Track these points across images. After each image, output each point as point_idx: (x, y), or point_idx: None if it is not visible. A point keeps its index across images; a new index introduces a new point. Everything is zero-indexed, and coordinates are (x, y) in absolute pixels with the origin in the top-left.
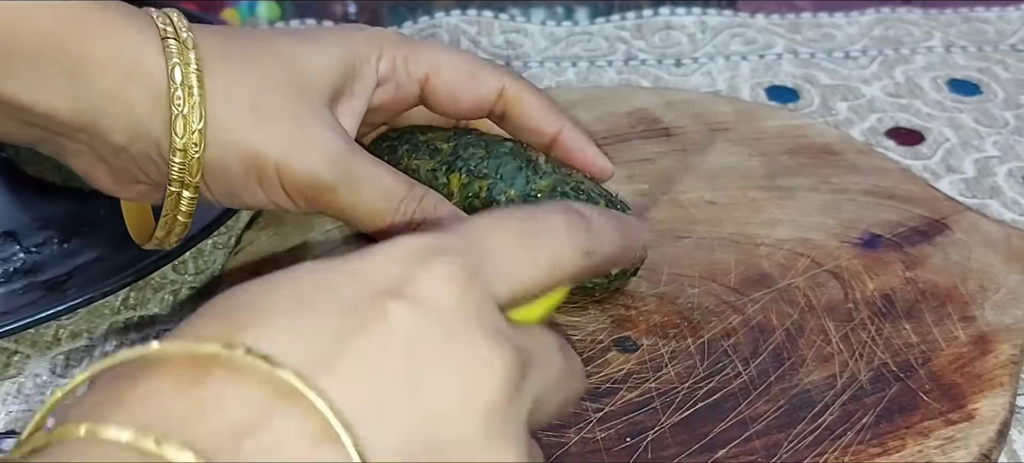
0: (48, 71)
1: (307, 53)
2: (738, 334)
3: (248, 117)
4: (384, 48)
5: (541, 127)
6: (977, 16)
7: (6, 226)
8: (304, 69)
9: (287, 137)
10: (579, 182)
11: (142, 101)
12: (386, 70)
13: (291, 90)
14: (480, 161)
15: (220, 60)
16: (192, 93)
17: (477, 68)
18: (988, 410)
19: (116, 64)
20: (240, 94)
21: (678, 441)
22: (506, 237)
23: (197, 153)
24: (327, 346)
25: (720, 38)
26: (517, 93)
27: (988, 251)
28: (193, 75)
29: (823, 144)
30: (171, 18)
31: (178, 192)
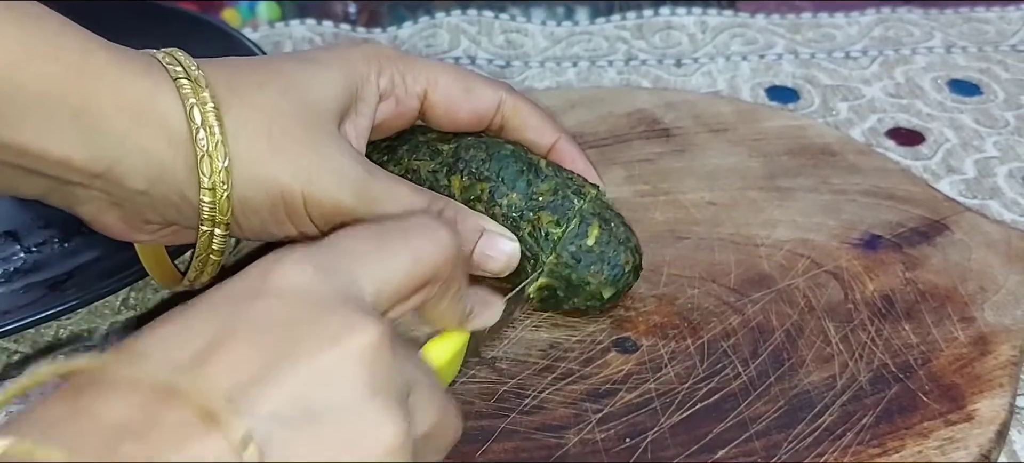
0: (56, 117)
1: (311, 79)
2: (738, 335)
3: (266, 150)
4: (382, 65)
5: (538, 139)
6: (977, 16)
7: (7, 225)
8: (311, 96)
9: (308, 167)
10: (580, 185)
11: (157, 145)
12: (386, 86)
13: (303, 118)
14: (482, 164)
15: (232, 94)
16: (213, 132)
17: (474, 82)
18: (988, 411)
19: (126, 109)
20: (256, 128)
21: (678, 442)
22: (363, 239)
23: (226, 191)
24: (201, 345)
25: (720, 38)
26: (515, 106)
27: (988, 252)
28: (211, 114)
29: (823, 145)
30: (177, 58)
31: (210, 231)
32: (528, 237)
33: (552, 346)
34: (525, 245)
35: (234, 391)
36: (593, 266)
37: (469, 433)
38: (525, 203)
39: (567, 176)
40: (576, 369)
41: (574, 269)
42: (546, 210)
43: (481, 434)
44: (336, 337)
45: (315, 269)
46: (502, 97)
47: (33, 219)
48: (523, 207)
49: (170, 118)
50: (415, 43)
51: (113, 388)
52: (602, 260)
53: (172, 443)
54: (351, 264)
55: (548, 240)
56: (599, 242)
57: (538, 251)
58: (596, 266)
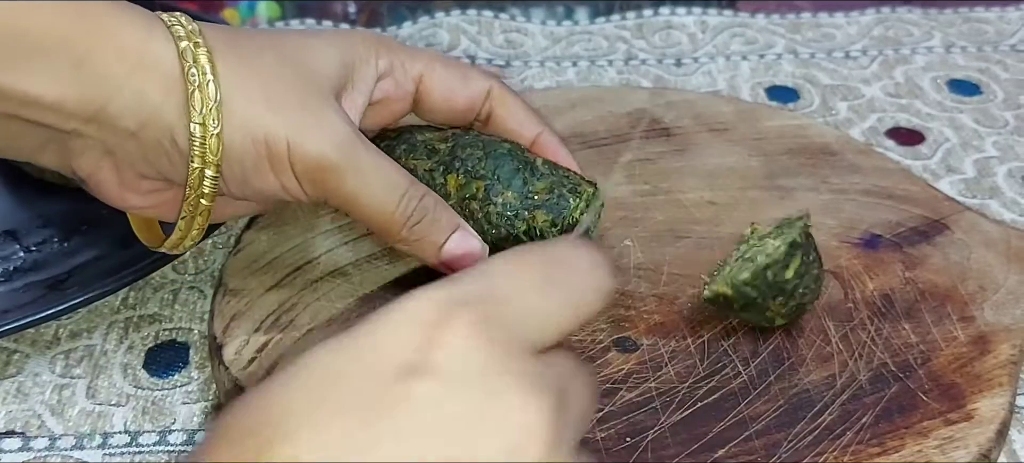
0: (56, 63)
1: (309, 51)
2: (738, 334)
3: (260, 104)
4: (379, 48)
5: (521, 130)
6: (977, 16)
7: (6, 225)
8: (309, 64)
9: (298, 121)
10: (576, 183)
11: (153, 88)
12: (385, 67)
13: (299, 82)
14: (478, 162)
15: (230, 50)
16: (205, 72)
17: (467, 70)
18: (987, 410)
19: (124, 52)
20: (251, 83)
21: (678, 441)
22: (527, 280)
23: (216, 129)
24: (357, 443)
25: (720, 38)
26: (502, 96)
27: (988, 251)
28: (203, 56)
29: (823, 144)
30: (177, 15)
31: (200, 170)
32: (523, 236)
33: None
34: (521, 244)
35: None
36: (781, 297)
37: None
38: (520, 202)
39: (563, 174)
40: None
41: (762, 294)
42: (542, 209)
43: None
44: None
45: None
46: (492, 85)
47: (33, 218)
48: (518, 206)
49: (164, 61)
50: (415, 43)
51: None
52: (792, 294)
53: None
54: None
55: (543, 239)
56: (796, 275)
57: None
58: (783, 298)
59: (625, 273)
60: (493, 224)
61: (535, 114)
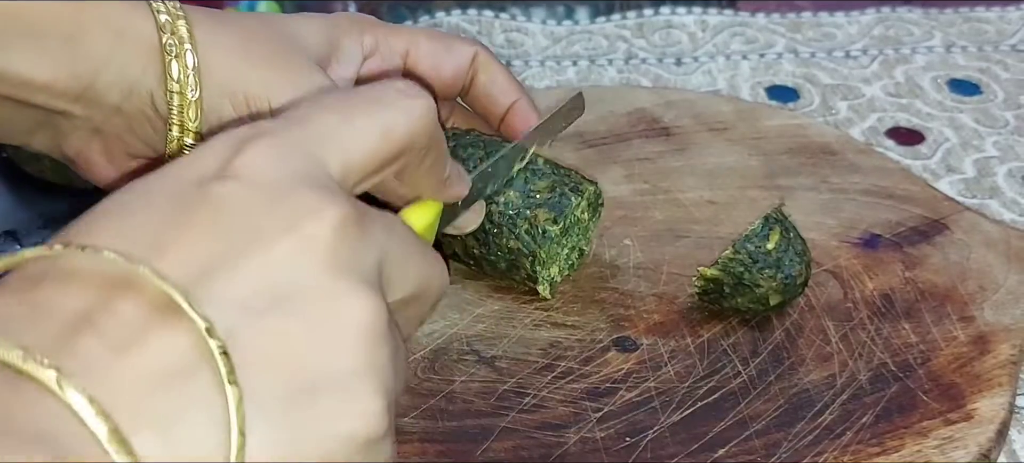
0: (47, 43)
1: (292, 22)
2: (737, 334)
3: (240, 62)
4: (364, 26)
5: (502, 97)
6: (977, 16)
7: (7, 225)
8: (290, 32)
9: (279, 79)
10: (577, 182)
11: (134, 59)
12: (370, 45)
13: (280, 43)
14: (479, 162)
15: (209, 17)
16: (183, 41)
17: (451, 40)
18: (987, 410)
19: (107, 28)
20: (231, 42)
21: (677, 440)
22: (330, 111)
23: (194, 95)
24: (155, 232)
25: (720, 37)
26: (486, 62)
27: (988, 251)
28: (182, 25)
29: (823, 144)
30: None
31: (179, 139)
32: (525, 235)
33: (552, 345)
34: (522, 242)
35: (192, 282)
36: (767, 270)
37: (469, 432)
38: (522, 201)
39: (564, 173)
40: (576, 368)
41: (748, 268)
42: (544, 208)
43: (481, 433)
44: (294, 224)
45: (277, 152)
46: (477, 51)
47: (33, 219)
48: (520, 205)
49: (144, 33)
50: None
51: (68, 280)
52: (777, 266)
53: (132, 336)
54: (316, 142)
55: (546, 238)
56: (778, 248)
57: (536, 249)
58: (770, 271)
59: (625, 273)
60: (495, 223)
61: (516, 82)
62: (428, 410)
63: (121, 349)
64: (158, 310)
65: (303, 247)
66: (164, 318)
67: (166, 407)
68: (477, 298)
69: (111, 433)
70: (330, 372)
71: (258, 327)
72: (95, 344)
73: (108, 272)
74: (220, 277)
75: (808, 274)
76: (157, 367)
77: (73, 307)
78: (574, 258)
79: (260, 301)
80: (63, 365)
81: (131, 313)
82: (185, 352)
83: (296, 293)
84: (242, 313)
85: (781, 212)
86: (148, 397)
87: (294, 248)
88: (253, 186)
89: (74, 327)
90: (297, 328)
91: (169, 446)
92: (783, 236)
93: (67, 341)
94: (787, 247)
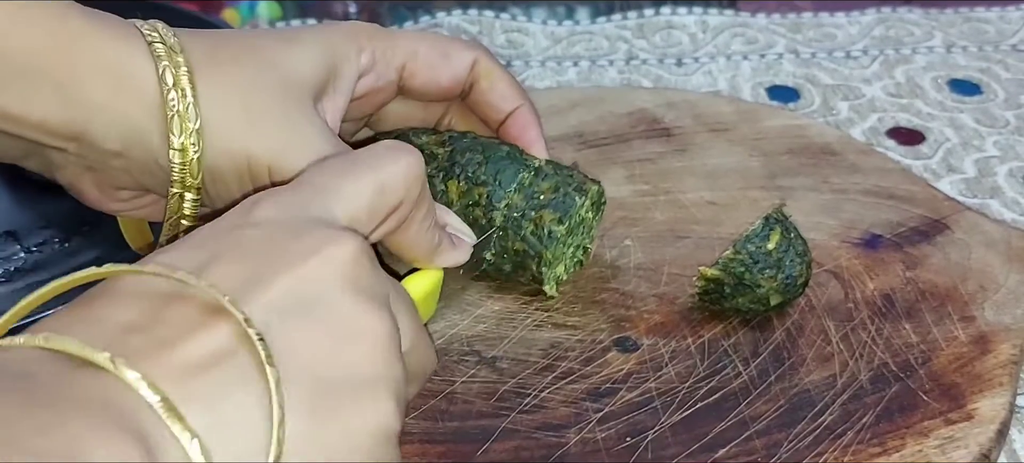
0: (38, 82)
1: (291, 54)
2: (738, 334)
3: (241, 120)
4: (362, 41)
5: (503, 103)
6: (978, 16)
7: (7, 226)
8: (289, 70)
9: (278, 140)
10: (581, 182)
11: (135, 110)
12: (367, 62)
13: (279, 92)
14: (478, 167)
15: (208, 64)
16: (185, 95)
17: (449, 46)
18: (988, 410)
19: (105, 73)
20: (231, 98)
21: (678, 441)
22: (332, 172)
23: (196, 153)
24: (194, 265)
25: (721, 38)
26: (487, 68)
27: (988, 251)
28: (184, 77)
29: (823, 144)
30: (156, 27)
31: (180, 194)
32: (531, 236)
33: (553, 345)
34: (528, 244)
35: (230, 293)
36: (768, 270)
37: (469, 432)
38: (526, 202)
39: (567, 173)
40: (577, 368)
41: (749, 269)
42: (548, 208)
43: (481, 433)
44: (316, 249)
45: (289, 203)
46: (477, 57)
47: (33, 219)
48: (524, 206)
49: (145, 81)
50: None
51: (121, 296)
52: (778, 267)
53: (178, 334)
54: (323, 196)
55: (552, 238)
56: (779, 248)
57: (541, 249)
58: (771, 271)
59: (625, 273)
60: (499, 226)
61: (517, 87)
62: (429, 410)
63: (168, 343)
64: (200, 313)
65: (327, 265)
66: (205, 318)
67: (211, 385)
68: (478, 299)
69: (163, 403)
70: (352, 372)
71: (289, 327)
72: (144, 341)
73: (153, 287)
74: (254, 289)
75: (809, 274)
76: (201, 354)
77: (124, 318)
78: (579, 256)
79: (291, 308)
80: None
81: (176, 318)
82: (226, 340)
83: (322, 303)
84: (275, 315)
85: (782, 212)
86: (194, 378)
87: (319, 266)
88: (273, 227)
89: (125, 330)
90: (323, 332)
91: (216, 419)
92: (784, 236)
93: (119, 339)
94: (788, 247)
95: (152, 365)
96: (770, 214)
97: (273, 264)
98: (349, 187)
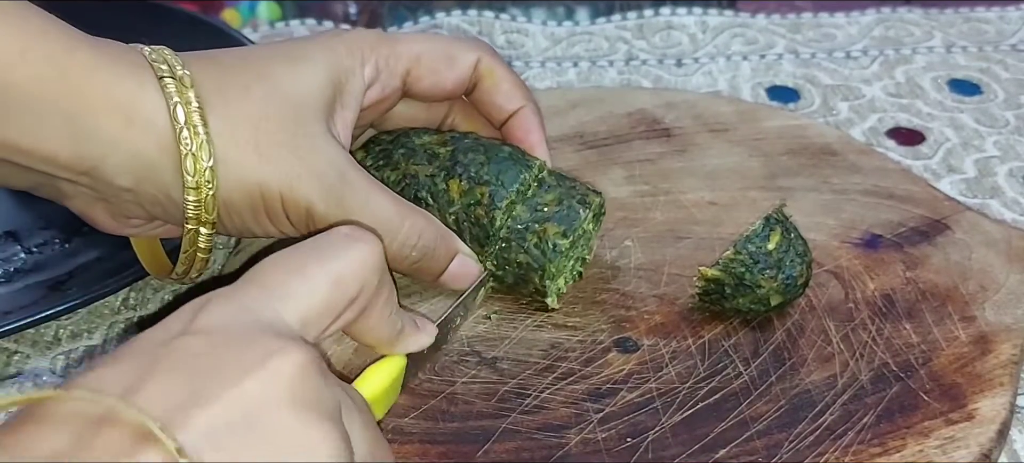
0: (47, 116)
1: (298, 77)
2: (738, 334)
3: (252, 155)
4: (365, 53)
5: (506, 103)
6: (977, 16)
7: (7, 226)
8: (297, 95)
9: (289, 172)
10: (584, 194)
11: (147, 147)
12: (371, 74)
13: (289, 121)
14: (480, 167)
15: (218, 95)
16: (197, 132)
17: (453, 48)
18: (988, 410)
19: (116, 111)
20: (242, 133)
21: (679, 441)
22: (282, 270)
23: (211, 190)
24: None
25: (721, 38)
26: (490, 66)
27: (988, 251)
28: (195, 114)
29: (823, 144)
30: (164, 56)
31: (195, 230)
32: (534, 249)
33: (553, 346)
34: (532, 256)
35: (164, 415)
36: (768, 271)
37: (470, 433)
38: (530, 214)
39: (570, 185)
40: (577, 369)
41: (749, 269)
42: (552, 221)
43: (482, 434)
44: (260, 362)
45: (238, 307)
46: (480, 56)
47: (34, 220)
48: (528, 218)
49: (156, 118)
50: None
51: (48, 421)
52: (779, 267)
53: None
54: (272, 298)
55: (556, 252)
56: (779, 248)
57: (545, 263)
58: (771, 271)
59: (626, 274)
60: (502, 237)
61: (521, 87)
62: (429, 411)
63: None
64: (131, 440)
65: (270, 381)
66: (135, 446)
67: None
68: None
69: None
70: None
71: (227, 450)
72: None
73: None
74: (187, 411)
75: (809, 274)
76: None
77: (50, 447)
78: (578, 267)
79: (230, 428)
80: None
81: (104, 447)
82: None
83: (265, 421)
84: (212, 437)
85: (782, 213)
86: None
87: (262, 382)
88: (216, 336)
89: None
90: (266, 452)
91: None
92: (784, 237)
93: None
94: (788, 248)
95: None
96: (770, 214)
97: (212, 380)
98: (298, 284)
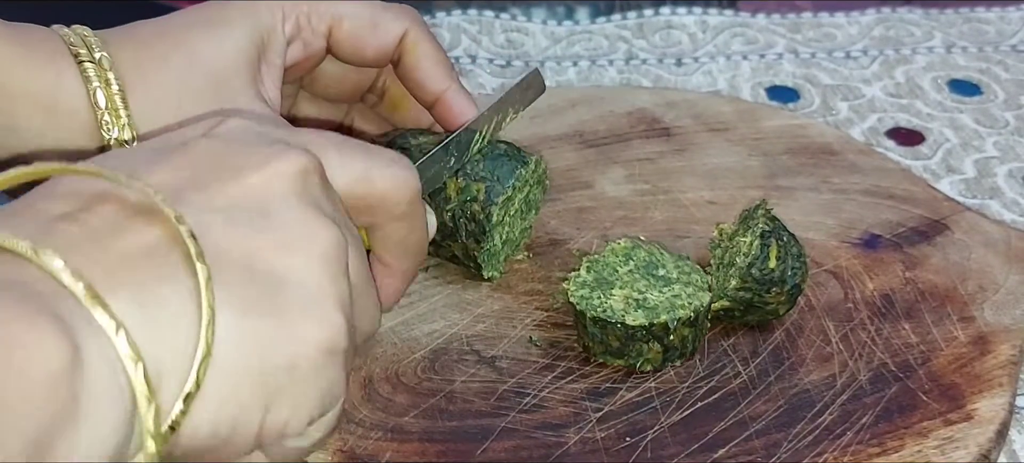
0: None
1: (218, 42)
2: (738, 334)
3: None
4: (286, 9)
5: (428, 83)
6: (978, 16)
7: None
8: (218, 61)
9: None
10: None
11: (72, 135)
12: (292, 30)
13: (210, 89)
14: (476, 164)
15: (136, 72)
16: (119, 115)
17: (379, 15)
18: (987, 410)
19: (36, 102)
20: (163, 107)
21: (678, 441)
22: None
23: None
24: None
25: (721, 38)
26: (416, 40)
27: (988, 251)
28: (116, 96)
29: (823, 144)
30: (83, 36)
31: None
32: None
33: (552, 345)
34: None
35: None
36: (775, 287)
37: (469, 431)
38: (523, 202)
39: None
40: (576, 368)
41: (757, 293)
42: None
43: (481, 433)
44: (265, 162)
45: (255, 122)
46: (407, 29)
47: None
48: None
49: (78, 105)
50: None
51: (58, 193)
52: (782, 281)
53: (109, 228)
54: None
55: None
56: (780, 262)
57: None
58: (777, 287)
59: None
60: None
61: (447, 67)
62: (428, 409)
63: (99, 235)
64: (135, 211)
65: (274, 178)
66: (140, 216)
67: (140, 277)
68: (477, 298)
69: (87, 290)
70: (295, 280)
71: (226, 227)
72: (75, 230)
73: (90, 186)
74: (191, 192)
75: (807, 269)
76: (132, 247)
77: (56, 210)
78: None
79: (231, 211)
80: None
81: (110, 213)
82: (158, 237)
83: (266, 210)
84: (214, 217)
85: (770, 216)
86: (123, 269)
87: (266, 178)
88: (231, 141)
89: (55, 221)
90: (266, 239)
91: (144, 309)
92: (780, 247)
93: (48, 229)
94: (785, 256)
95: (79, 256)
96: (764, 229)
97: (216, 172)
98: (335, 155)
